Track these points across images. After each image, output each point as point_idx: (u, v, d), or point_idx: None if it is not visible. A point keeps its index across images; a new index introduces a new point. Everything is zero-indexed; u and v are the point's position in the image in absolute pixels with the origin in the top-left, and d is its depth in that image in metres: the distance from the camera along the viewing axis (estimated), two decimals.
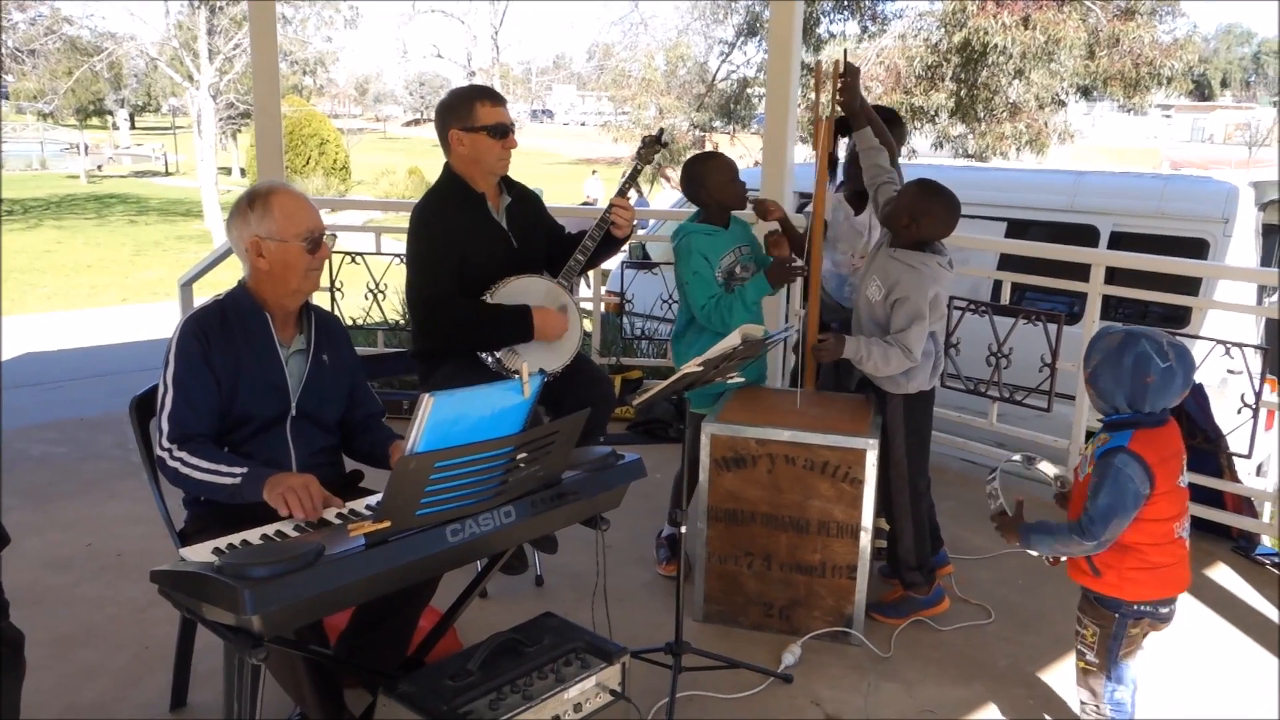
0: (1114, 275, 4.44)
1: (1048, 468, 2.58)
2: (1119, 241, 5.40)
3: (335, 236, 2.52)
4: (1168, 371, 2.24)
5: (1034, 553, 2.49)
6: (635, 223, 3.36)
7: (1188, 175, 7.56)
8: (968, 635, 3.29)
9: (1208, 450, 4.05)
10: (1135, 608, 2.40)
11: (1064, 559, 2.50)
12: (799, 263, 3.46)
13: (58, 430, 5.19)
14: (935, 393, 3.34)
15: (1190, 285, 4.87)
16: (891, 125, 3.60)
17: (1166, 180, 6.08)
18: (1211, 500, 4.06)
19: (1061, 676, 3.06)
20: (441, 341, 3.16)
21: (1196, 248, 5.18)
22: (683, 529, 2.91)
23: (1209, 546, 4.01)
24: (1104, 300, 4.40)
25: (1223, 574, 3.81)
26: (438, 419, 1.88)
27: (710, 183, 3.46)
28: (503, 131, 3.11)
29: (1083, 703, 2.54)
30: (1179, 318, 5.02)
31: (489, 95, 3.16)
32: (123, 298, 14.00)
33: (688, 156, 3.64)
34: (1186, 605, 3.54)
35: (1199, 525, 4.08)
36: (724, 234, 3.48)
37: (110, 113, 44.61)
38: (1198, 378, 4.03)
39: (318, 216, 2.44)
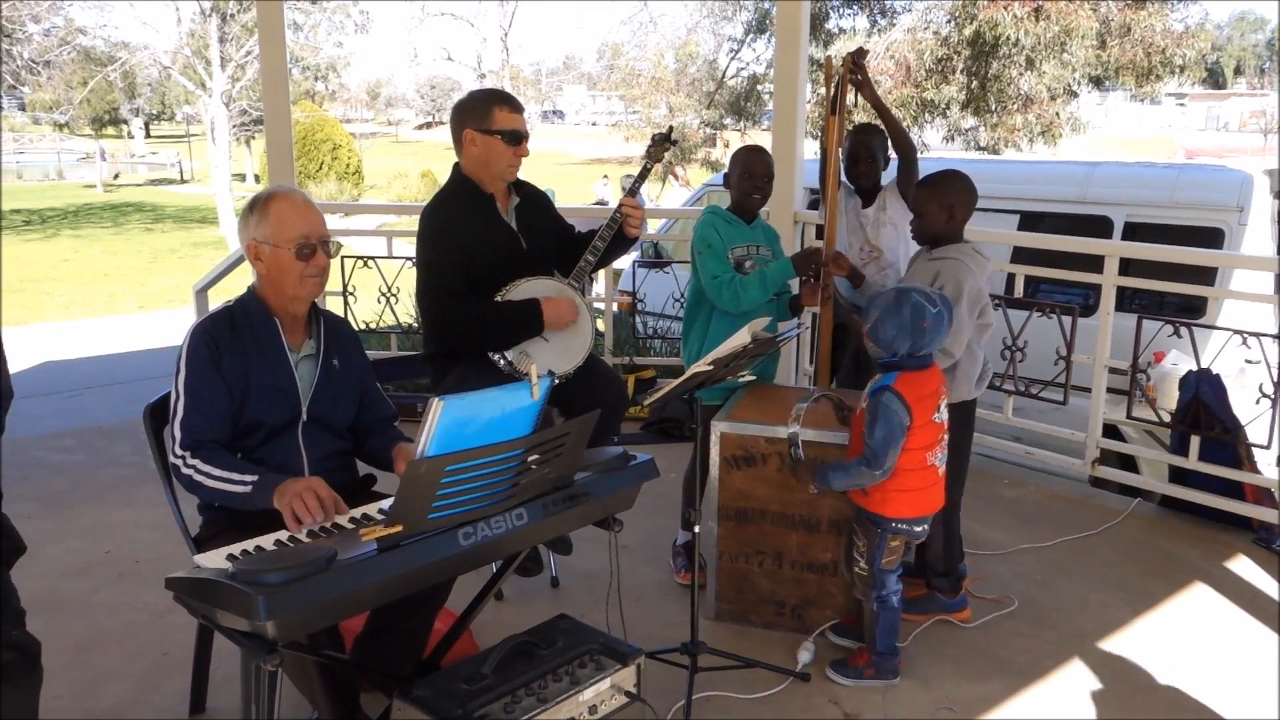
0: (1128, 266, 4.42)
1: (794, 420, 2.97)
2: (1133, 232, 5.36)
3: (339, 245, 2.51)
4: (938, 315, 2.68)
5: (831, 489, 2.86)
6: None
7: (1201, 164, 7.48)
8: (985, 631, 3.27)
9: (1226, 441, 4.01)
10: (894, 525, 2.81)
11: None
12: (819, 245, 3.41)
13: (75, 438, 5.23)
14: (976, 403, 3.29)
15: (1206, 275, 4.83)
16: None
17: (1180, 170, 6.02)
18: (1231, 492, 4.02)
19: (1081, 672, 3.05)
20: (453, 342, 3.17)
21: (1212, 237, 5.13)
22: (696, 528, 2.91)
23: (1229, 539, 3.98)
24: (1119, 291, 4.37)
25: (1243, 566, 3.78)
26: (448, 422, 1.87)
27: (731, 173, 3.50)
28: (517, 138, 3.12)
29: (859, 599, 2.97)
30: (1195, 308, 4.97)
31: (509, 101, 3.17)
32: (140, 305, 14.08)
33: (737, 148, 3.62)
34: (1207, 596, 3.51)
35: (1219, 517, 4.06)
36: (743, 227, 3.48)
37: (125, 122, 44.93)
38: (1215, 368, 4.04)
39: (315, 223, 2.42)
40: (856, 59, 3.56)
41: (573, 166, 35.34)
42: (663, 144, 3.45)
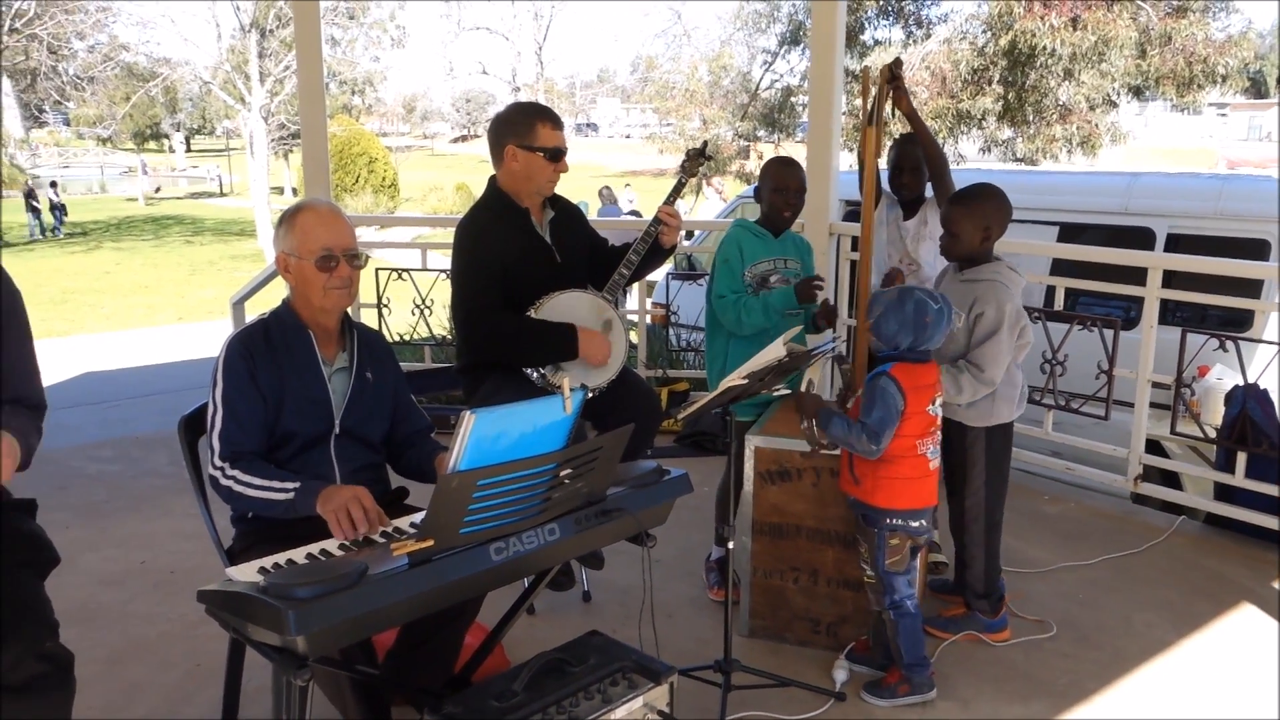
0: (1171, 278, 4.33)
1: (814, 370, 3.05)
2: (1176, 244, 5.27)
3: (367, 257, 2.51)
4: (939, 311, 2.74)
5: (826, 431, 2.82)
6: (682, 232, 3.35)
7: (1246, 174, 7.36)
8: (1026, 651, 3.21)
9: (1274, 457, 3.91)
10: (889, 520, 2.80)
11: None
12: (819, 281, 3.38)
13: (113, 448, 5.28)
14: (1013, 425, 3.23)
15: (1251, 287, 4.73)
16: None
17: (1224, 180, 5.92)
18: (1278, 509, 3.92)
19: (1125, 695, 2.97)
20: (485, 355, 3.16)
21: (1257, 249, 5.03)
22: (729, 544, 2.87)
23: (1277, 558, 3.88)
24: (1161, 304, 4.29)
25: None
26: (479, 436, 1.86)
27: (762, 187, 3.45)
28: (558, 155, 3.13)
29: (876, 610, 2.94)
30: (1240, 321, 4.87)
31: (551, 118, 3.16)
32: (179, 316, 14.28)
33: (767, 160, 3.60)
34: (1255, 618, 3.42)
35: (1267, 536, 3.96)
36: (771, 241, 3.44)
37: (166, 136, 45.74)
38: (1262, 382, 3.95)
39: (340, 234, 2.42)
40: (894, 69, 3.52)
41: (606, 179, 35.46)
42: (697, 159, 3.43)
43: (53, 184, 27.16)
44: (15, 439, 1.99)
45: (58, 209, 25.74)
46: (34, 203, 25.31)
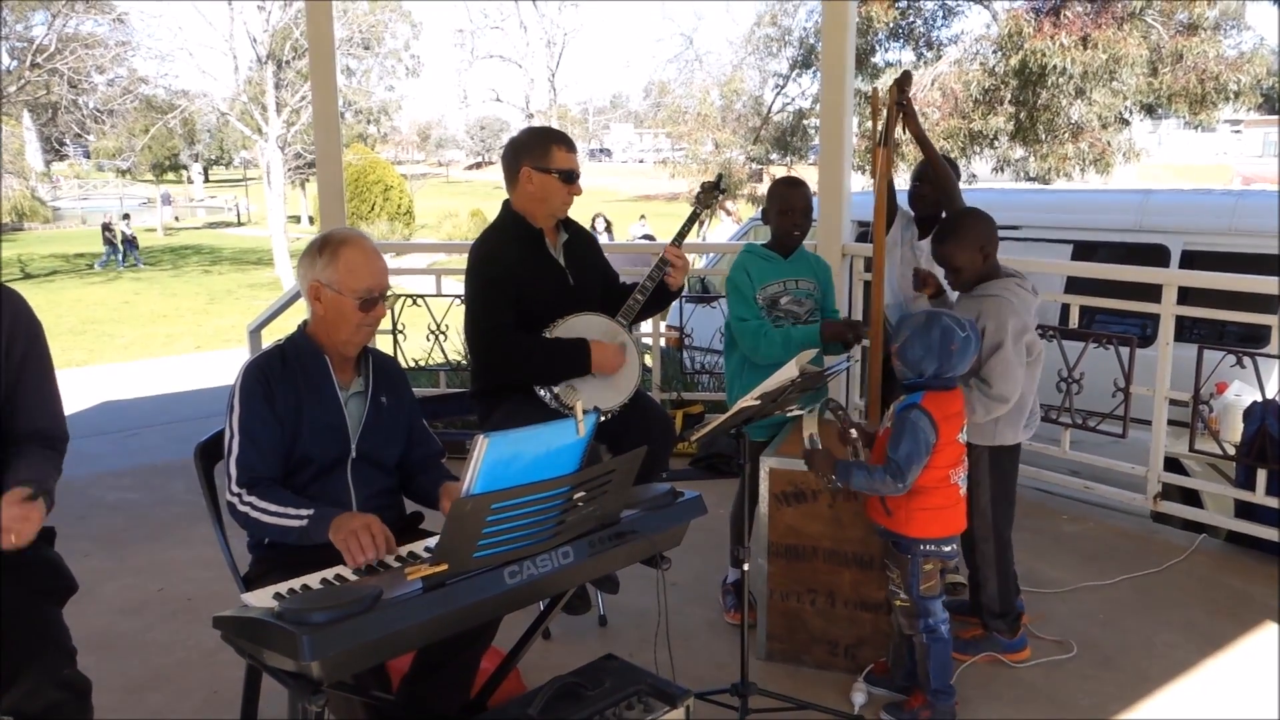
0: (1187, 295, 4.31)
1: (809, 424, 3.04)
2: (1191, 260, 5.24)
3: (393, 295, 2.53)
4: (966, 339, 2.70)
5: (848, 485, 2.78)
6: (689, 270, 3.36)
7: (1261, 190, 7.33)
8: (1047, 672, 3.17)
9: None
10: (922, 547, 2.77)
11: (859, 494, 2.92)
12: (855, 328, 3.36)
13: (132, 476, 5.31)
14: (1020, 447, 3.22)
15: (1268, 303, 4.70)
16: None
17: (1239, 196, 5.90)
18: None
19: (1150, 716, 2.94)
20: (500, 376, 3.17)
21: (1274, 264, 5.00)
22: (745, 566, 2.86)
23: None
24: (1177, 321, 4.26)
25: None
26: (493, 460, 1.86)
27: (769, 208, 3.46)
28: (572, 178, 3.15)
29: (907, 634, 2.88)
30: (1258, 337, 4.84)
31: (565, 141, 3.20)
32: (197, 345, 14.38)
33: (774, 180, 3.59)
34: (1275, 635, 3.38)
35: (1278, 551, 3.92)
36: (780, 263, 3.44)
37: (185, 167, 46.26)
38: None
39: (382, 276, 2.45)
40: (902, 85, 3.53)
41: (620, 203, 35.60)
42: (712, 191, 3.43)
43: (125, 216, 27.72)
44: (43, 499, 2.02)
45: (129, 241, 26.27)
46: (109, 235, 25.90)
